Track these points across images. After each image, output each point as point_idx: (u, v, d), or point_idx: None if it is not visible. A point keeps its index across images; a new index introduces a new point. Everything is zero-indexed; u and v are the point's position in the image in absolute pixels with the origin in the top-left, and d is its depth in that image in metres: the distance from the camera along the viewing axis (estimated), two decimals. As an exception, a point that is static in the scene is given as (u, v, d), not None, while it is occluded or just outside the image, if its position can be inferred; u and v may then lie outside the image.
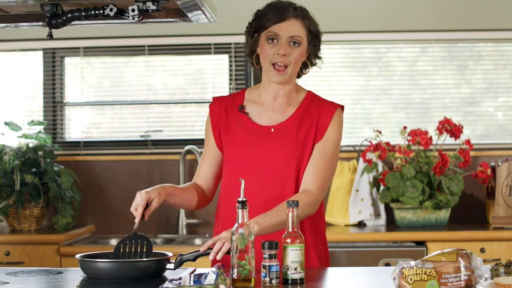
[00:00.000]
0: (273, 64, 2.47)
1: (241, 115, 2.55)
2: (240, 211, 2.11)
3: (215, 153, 2.58)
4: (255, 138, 2.50)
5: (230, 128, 2.54)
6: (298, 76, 2.59)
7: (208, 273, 2.01)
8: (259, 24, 2.50)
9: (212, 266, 2.24)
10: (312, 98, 2.56)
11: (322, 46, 2.60)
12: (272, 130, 2.51)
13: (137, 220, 2.33)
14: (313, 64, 2.58)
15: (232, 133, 2.53)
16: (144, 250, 2.32)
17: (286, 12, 2.47)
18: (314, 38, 2.52)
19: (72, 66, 4.56)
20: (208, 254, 2.27)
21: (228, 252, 2.18)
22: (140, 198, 2.33)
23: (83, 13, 2.15)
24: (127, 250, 2.33)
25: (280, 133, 2.50)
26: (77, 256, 2.29)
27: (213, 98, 2.62)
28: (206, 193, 2.59)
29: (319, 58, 2.58)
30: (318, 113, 2.52)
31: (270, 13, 2.48)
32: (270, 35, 2.47)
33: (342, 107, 2.57)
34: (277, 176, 2.46)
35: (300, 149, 2.47)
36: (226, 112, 2.56)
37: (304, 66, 2.57)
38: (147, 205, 2.35)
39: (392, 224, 4.13)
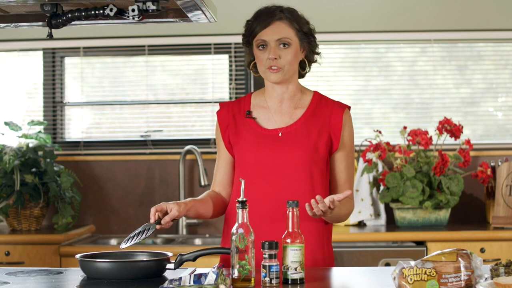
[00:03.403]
0: (268, 68, 2.49)
1: (249, 120, 2.55)
2: (240, 211, 2.11)
3: (228, 159, 2.59)
4: (264, 143, 2.50)
5: (239, 133, 2.54)
6: (301, 76, 2.60)
7: (208, 273, 2.01)
8: (249, 33, 2.53)
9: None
10: (319, 99, 2.57)
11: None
12: (280, 134, 2.51)
13: (151, 221, 2.36)
14: (312, 62, 2.58)
15: (241, 138, 2.54)
16: (146, 234, 2.33)
17: (271, 16, 2.50)
18: (306, 36, 2.53)
19: (72, 66, 4.56)
20: (208, 254, 2.28)
21: (227, 252, 2.19)
22: (156, 205, 2.40)
23: (83, 13, 2.15)
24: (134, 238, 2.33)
25: (289, 136, 2.50)
26: (77, 256, 2.29)
27: (220, 104, 2.62)
28: (226, 198, 2.60)
29: (317, 54, 2.58)
30: (328, 116, 2.53)
31: (256, 20, 2.51)
32: (259, 42, 2.50)
33: (349, 108, 2.59)
34: (289, 180, 2.46)
35: (312, 151, 2.47)
36: (234, 117, 2.57)
37: (304, 65, 2.57)
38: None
39: (392, 224, 4.13)
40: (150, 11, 2.08)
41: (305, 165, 2.46)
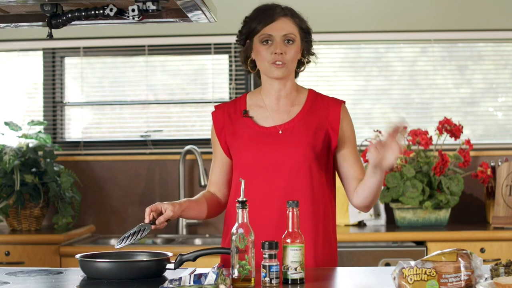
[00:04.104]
0: (272, 63, 2.48)
1: (246, 119, 2.55)
2: (240, 211, 2.11)
3: (224, 160, 2.59)
4: (263, 141, 2.50)
5: (237, 134, 2.54)
6: (296, 75, 2.60)
7: (208, 273, 2.01)
8: (249, 30, 2.52)
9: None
10: (315, 96, 2.58)
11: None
12: (280, 131, 2.51)
13: (146, 221, 2.38)
14: (307, 61, 2.58)
15: (239, 138, 2.53)
16: (142, 234, 2.34)
17: (274, 12, 2.50)
18: (306, 35, 2.54)
19: (72, 66, 4.56)
20: (208, 254, 2.28)
21: (227, 252, 2.19)
22: (151, 205, 2.41)
23: (83, 13, 2.15)
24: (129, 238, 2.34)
25: (288, 133, 2.50)
26: (77, 256, 2.29)
27: (215, 106, 2.63)
28: (221, 199, 2.61)
29: (312, 54, 2.58)
30: (325, 111, 2.53)
31: (259, 17, 2.51)
32: (264, 37, 2.49)
33: (344, 102, 2.59)
34: (288, 177, 2.46)
35: (310, 148, 2.48)
36: (230, 118, 2.57)
37: (300, 64, 2.58)
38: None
39: (392, 224, 4.13)
40: (150, 11, 2.08)
41: (305, 162, 2.47)
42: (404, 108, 4.48)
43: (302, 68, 2.61)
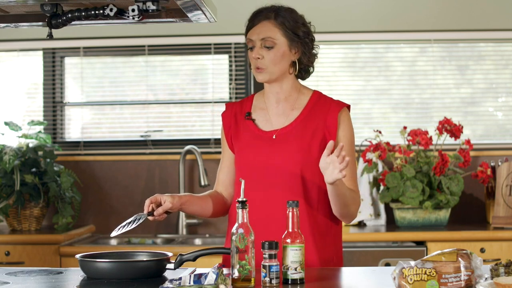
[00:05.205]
0: (255, 68, 2.51)
1: (248, 122, 2.56)
2: (240, 211, 2.11)
3: (231, 159, 2.60)
4: (259, 144, 2.51)
5: (239, 135, 2.55)
6: (301, 78, 2.58)
7: (208, 273, 2.01)
8: (245, 33, 2.55)
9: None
10: (317, 99, 2.55)
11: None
12: (274, 136, 2.51)
13: (145, 212, 2.39)
14: (308, 64, 2.54)
15: (240, 139, 2.54)
16: (137, 222, 2.35)
17: (259, 16, 2.50)
18: (298, 37, 2.49)
19: (72, 66, 4.56)
20: (208, 254, 2.28)
21: (227, 252, 2.19)
22: (151, 197, 2.42)
23: (83, 13, 2.15)
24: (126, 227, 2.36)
25: (282, 138, 2.50)
26: (77, 256, 2.30)
27: (226, 104, 2.64)
28: (227, 199, 2.61)
29: (313, 56, 2.55)
30: (324, 115, 2.50)
31: (249, 20, 2.53)
32: (247, 41, 2.52)
33: (348, 106, 2.56)
34: (282, 181, 2.45)
35: (305, 152, 2.46)
36: (235, 119, 2.58)
37: (300, 66, 2.54)
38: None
39: (392, 224, 4.13)
40: (150, 11, 2.08)
41: (297, 167, 2.45)
42: (404, 108, 4.48)
43: (311, 70, 2.57)
